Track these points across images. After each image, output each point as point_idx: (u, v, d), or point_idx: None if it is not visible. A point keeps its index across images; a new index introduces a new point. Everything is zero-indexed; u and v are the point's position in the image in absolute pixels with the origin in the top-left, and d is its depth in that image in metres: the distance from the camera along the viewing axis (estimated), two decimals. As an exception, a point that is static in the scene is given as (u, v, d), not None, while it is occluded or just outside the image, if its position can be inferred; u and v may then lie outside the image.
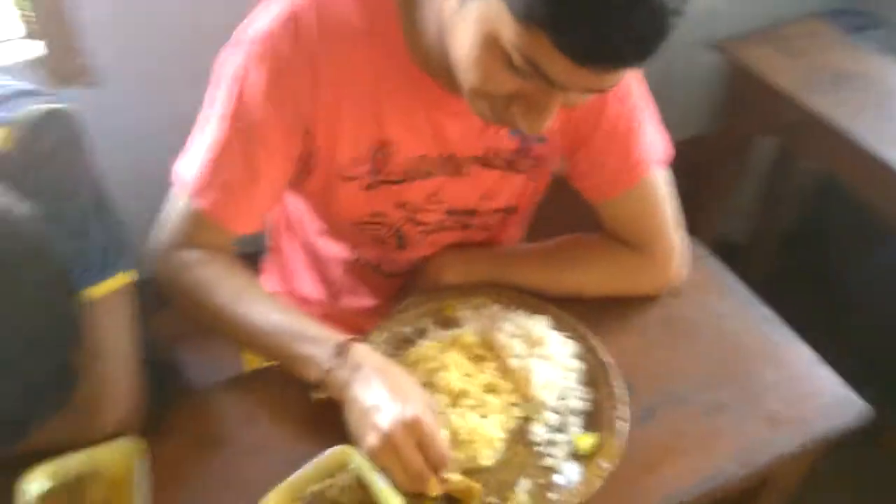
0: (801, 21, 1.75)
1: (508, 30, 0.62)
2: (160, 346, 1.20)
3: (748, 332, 0.95)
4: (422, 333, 0.90)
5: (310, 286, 1.09)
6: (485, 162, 0.89)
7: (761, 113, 1.64)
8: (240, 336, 0.82)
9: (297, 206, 1.00)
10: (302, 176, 0.87)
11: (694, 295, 0.98)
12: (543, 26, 0.59)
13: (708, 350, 0.92)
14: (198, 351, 1.29)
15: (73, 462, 0.74)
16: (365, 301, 1.05)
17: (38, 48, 1.34)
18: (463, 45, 0.67)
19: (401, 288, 1.02)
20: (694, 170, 1.90)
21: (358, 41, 0.78)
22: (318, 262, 1.05)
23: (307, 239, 1.04)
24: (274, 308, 0.82)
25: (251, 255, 1.23)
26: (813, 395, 0.88)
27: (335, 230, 0.98)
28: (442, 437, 0.74)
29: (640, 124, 0.89)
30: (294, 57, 0.77)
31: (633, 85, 0.88)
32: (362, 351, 0.78)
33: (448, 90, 0.79)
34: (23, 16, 1.33)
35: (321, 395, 0.79)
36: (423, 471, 0.71)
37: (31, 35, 1.34)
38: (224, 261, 0.85)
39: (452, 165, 0.88)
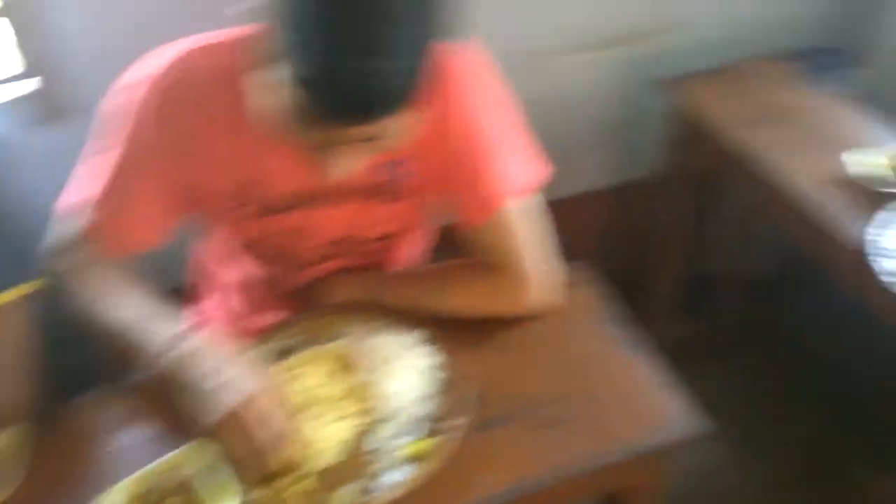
0: (753, 61, 1.77)
1: None
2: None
3: (603, 355, 1.01)
4: (298, 348, 1.00)
5: (214, 310, 1.20)
6: (341, 195, 0.97)
7: (698, 153, 1.68)
8: (100, 334, 0.90)
9: (201, 242, 1.12)
10: (188, 204, 0.97)
11: (562, 318, 1.04)
12: None
13: (562, 370, 0.99)
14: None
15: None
16: (268, 319, 1.15)
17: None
18: None
19: (296, 308, 1.11)
20: (647, 210, 1.93)
21: (221, 85, 0.87)
22: (219, 290, 1.17)
23: (209, 269, 1.15)
24: (131, 302, 0.90)
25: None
26: (651, 414, 0.93)
27: (231, 252, 1.09)
28: (280, 413, 0.82)
29: (489, 158, 0.95)
30: (163, 103, 0.88)
31: (480, 121, 0.93)
32: (199, 338, 0.84)
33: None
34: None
35: (153, 382, 0.84)
36: (264, 446, 0.78)
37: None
38: (105, 267, 0.94)
39: (313, 199, 0.97)
